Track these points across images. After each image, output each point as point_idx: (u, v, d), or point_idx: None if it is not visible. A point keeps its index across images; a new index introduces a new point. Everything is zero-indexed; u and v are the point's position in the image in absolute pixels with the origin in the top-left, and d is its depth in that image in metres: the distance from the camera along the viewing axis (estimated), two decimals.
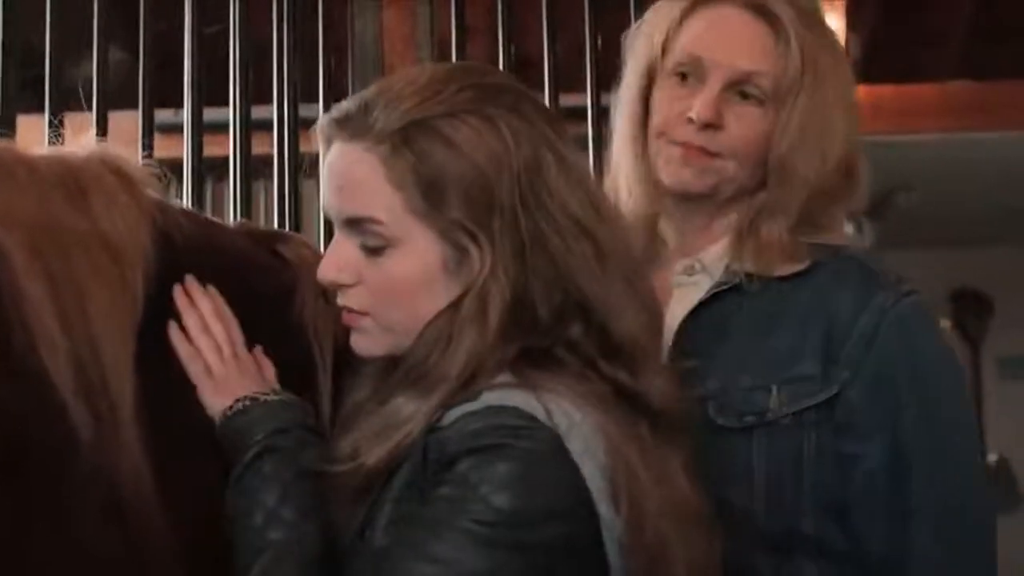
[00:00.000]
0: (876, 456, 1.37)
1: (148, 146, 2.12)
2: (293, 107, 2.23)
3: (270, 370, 1.26)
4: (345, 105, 1.20)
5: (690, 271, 1.49)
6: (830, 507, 1.38)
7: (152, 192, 1.22)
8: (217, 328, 1.23)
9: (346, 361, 1.26)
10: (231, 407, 1.21)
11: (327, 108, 2.23)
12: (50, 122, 2.05)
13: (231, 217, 2.21)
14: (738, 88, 1.45)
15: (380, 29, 2.30)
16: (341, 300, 1.20)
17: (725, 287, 1.44)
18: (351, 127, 1.17)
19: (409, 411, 1.14)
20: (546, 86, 2.36)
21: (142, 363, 1.14)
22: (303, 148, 2.21)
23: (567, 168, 1.17)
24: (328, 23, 2.29)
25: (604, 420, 1.13)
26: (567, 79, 2.39)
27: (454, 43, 2.32)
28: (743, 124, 1.45)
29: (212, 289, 1.23)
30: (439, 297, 1.16)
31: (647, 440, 1.16)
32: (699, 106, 1.43)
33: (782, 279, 1.43)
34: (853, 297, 1.40)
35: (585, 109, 2.38)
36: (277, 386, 1.24)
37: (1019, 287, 5.28)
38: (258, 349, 1.26)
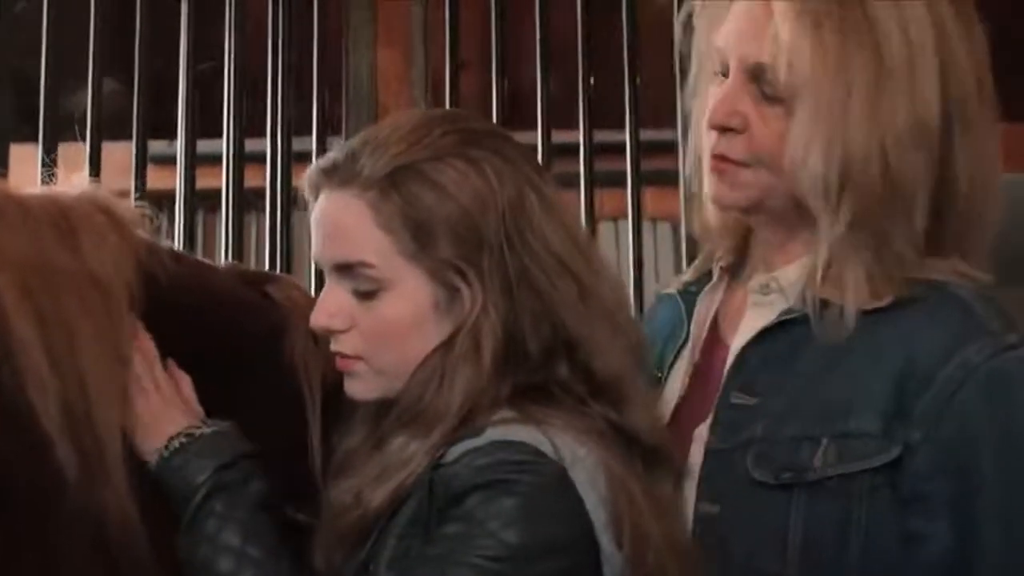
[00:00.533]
0: (944, 539, 1.16)
1: (141, 177, 2.13)
2: (287, 140, 2.24)
3: (187, 386, 1.23)
4: (331, 155, 1.22)
5: (765, 290, 1.29)
6: None
7: (141, 232, 1.23)
8: (135, 359, 1.20)
9: (335, 402, 1.27)
10: (166, 446, 1.19)
11: (320, 142, 2.26)
12: (44, 152, 2.06)
13: (223, 248, 2.22)
14: (758, 84, 1.23)
15: (374, 66, 2.32)
16: (334, 346, 1.21)
17: (795, 315, 1.24)
18: (339, 175, 1.19)
19: (410, 451, 1.16)
20: (539, 122, 2.37)
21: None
22: (296, 181, 2.22)
23: (550, 207, 1.20)
24: (323, 58, 2.30)
25: (605, 454, 1.15)
26: (560, 115, 2.40)
27: (448, 78, 2.33)
28: (766, 126, 1.23)
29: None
30: (430, 337, 1.18)
31: (643, 475, 1.18)
32: (712, 107, 1.26)
33: (864, 313, 1.20)
34: (941, 342, 1.17)
35: (577, 146, 2.39)
36: (200, 410, 1.23)
37: None
38: (172, 364, 1.23)
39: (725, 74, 1.26)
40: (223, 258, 2.19)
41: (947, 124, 1.22)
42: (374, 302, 1.18)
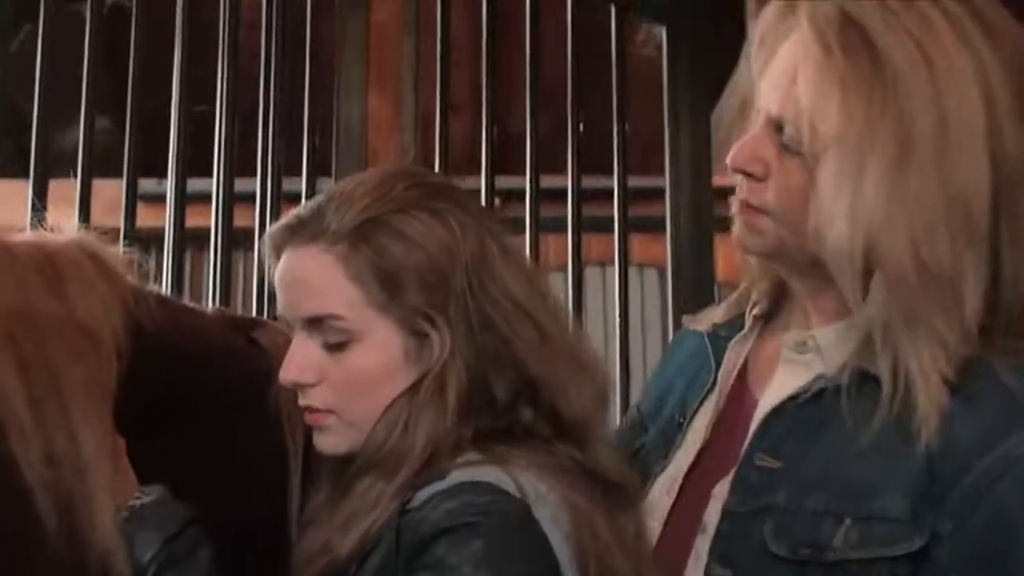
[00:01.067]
0: None
1: (131, 215, 2.14)
2: (277, 181, 2.25)
3: (120, 444, 1.21)
4: (294, 213, 1.25)
5: (801, 348, 1.23)
6: None
7: (128, 277, 1.24)
8: None
9: (314, 451, 1.27)
10: None
11: (310, 183, 2.28)
12: (34, 189, 2.06)
13: (211, 287, 2.22)
14: (778, 133, 1.19)
15: (365, 110, 2.34)
16: (304, 400, 1.22)
17: (828, 385, 1.19)
18: (306, 231, 1.21)
19: (374, 496, 1.17)
20: (527, 166, 2.39)
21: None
22: None
23: (509, 256, 1.24)
24: (314, 100, 2.32)
25: (568, 491, 1.16)
26: (548, 160, 2.42)
27: (438, 122, 2.35)
28: (783, 178, 1.18)
29: None
30: (399, 386, 1.20)
31: (608, 512, 1.19)
32: (733, 150, 1.22)
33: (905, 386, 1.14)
34: (983, 430, 1.09)
35: (565, 190, 2.41)
36: (134, 477, 1.20)
37: None
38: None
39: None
40: (211, 297, 2.20)
41: (995, 210, 1.13)
42: (344, 354, 1.20)
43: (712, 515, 1.23)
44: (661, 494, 1.30)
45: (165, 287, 2.14)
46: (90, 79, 2.15)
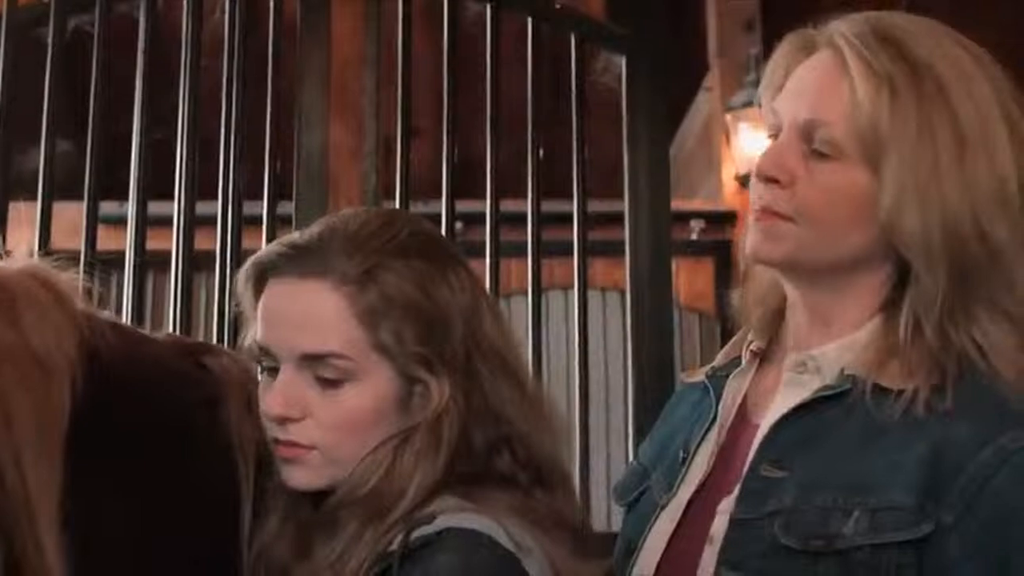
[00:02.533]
0: None
1: (91, 237, 2.14)
2: (237, 204, 2.26)
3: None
4: (292, 241, 1.23)
5: (801, 368, 1.26)
6: None
7: (81, 305, 1.24)
8: None
9: (265, 473, 1.28)
10: None
11: (271, 207, 2.29)
12: None
13: (172, 310, 2.22)
14: (809, 142, 1.22)
15: (326, 138, 2.35)
16: (283, 435, 1.21)
17: (833, 392, 1.22)
18: (307, 264, 1.20)
19: (361, 539, 1.16)
20: (488, 191, 2.41)
21: (70, 469, 1.15)
22: (246, 244, 2.24)
23: (497, 316, 1.26)
24: (276, 124, 2.33)
25: (547, 541, 1.17)
26: (510, 184, 2.44)
27: (399, 147, 2.37)
28: (812, 181, 1.21)
29: None
30: (386, 429, 1.20)
31: (576, 561, 1.20)
32: (759, 158, 1.25)
33: (901, 393, 1.18)
34: (979, 427, 1.14)
35: (525, 215, 2.43)
36: None
37: None
38: None
39: (776, 135, 1.26)
40: (172, 319, 2.20)
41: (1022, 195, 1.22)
42: (337, 391, 1.19)
43: (719, 528, 1.24)
44: (666, 523, 1.31)
45: (126, 310, 2.15)
46: (51, 103, 2.16)
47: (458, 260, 1.25)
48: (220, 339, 2.18)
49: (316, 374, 1.19)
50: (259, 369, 1.26)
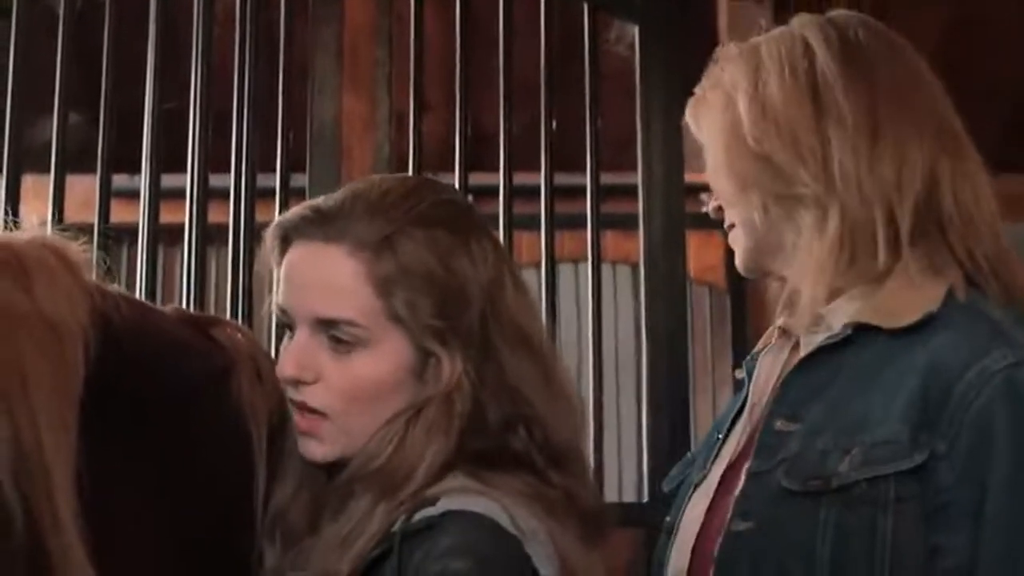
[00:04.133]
0: (961, 552, 1.15)
1: (104, 210, 2.14)
2: (251, 176, 2.25)
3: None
4: (316, 205, 1.23)
5: (814, 329, 1.31)
6: None
7: (91, 276, 1.24)
8: None
9: (276, 443, 1.28)
10: None
11: (284, 179, 2.28)
12: (7, 184, 2.06)
13: (185, 283, 2.22)
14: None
15: (339, 108, 2.34)
16: (298, 396, 1.21)
17: (833, 341, 1.27)
18: (328, 229, 1.20)
19: (372, 516, 1.16)
20: (501, 163, 2.40)
21: (84, 435, 1.16)
22: (260, 217, 2.23)
23: (519, 288, 1.25)
24: (288, 96, 2.32)
25: (555, 526, 1.17)
26: (522, 157, 2.44)
27: (412, 119, 2.36)
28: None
29: None
30: (399, 401, 1.20)
31: (591, 542, 1.21)
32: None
33: (894, 333, 1.23)
34: (965, 353, 1.18)
35: (538, 188, 2.42)
36: None
37: None
38: None
39: None
40: (185, 292, 2.20)
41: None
42: (349, 357, 1.19)
43: (740, 487, 1.28)
44: (701, 499, 1.34)
45: (139, 283, 2.15)
46: (63, 75, 2.15)
47: (484, 231, 1.24)
48: (234, 312, 2.18)
49: (330, 336, 1.19)
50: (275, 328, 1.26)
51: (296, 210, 1.24)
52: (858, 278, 1.27)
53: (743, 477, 1.28)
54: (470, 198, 2.54)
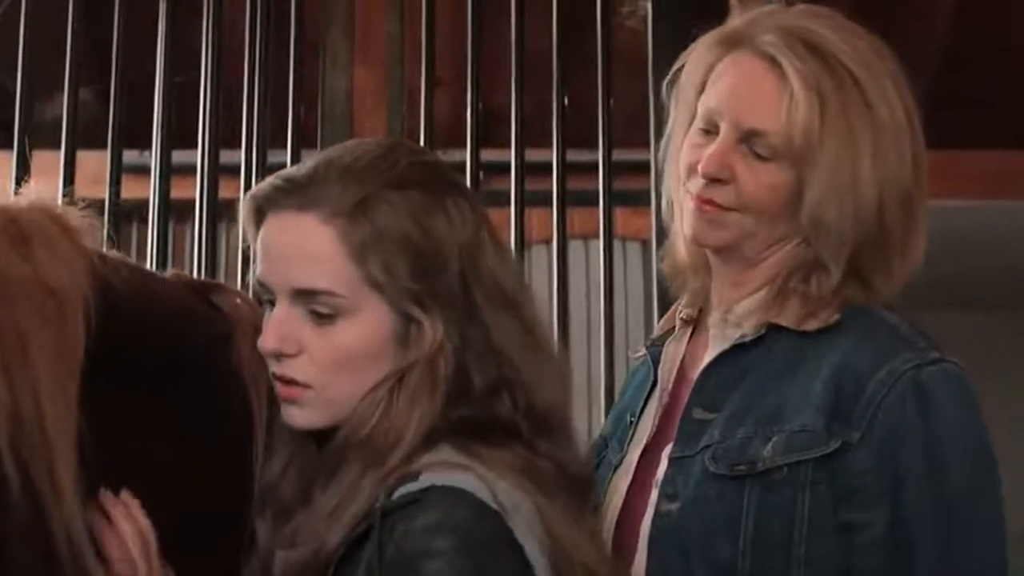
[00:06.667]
0: (880, 526, 1.29)
1: (115, 186, 2.14)
2: (261, 152, 2.25)
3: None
4: (288, 174, 1.20)
5: (723, 324, 1.42)
6: None
7: (91, 242, 1.23)
8: (137, 553, 1.19)
9: (274, 408, 1.27)
10: None
11: (295, 155, 2.27)
12: (18, 159, 2.06)
13: (195, 258, 2.22)
14: (748, 144, 1.38)
15: (350, 84, 2.33)
16: (281, 370, 1.20)
17: (747, 339, 1.38)
18: (300, 197, 1.18)
19: (360, 486, 1.15)
20: (512, 140, 2.39)
21: (86, 402, 1.15)
22: None
23: (499, 248, 1.23)
24: (299, 72, 2.31)
25: (541, 499, 1.16)
26: (533, 134, 2.43)
27: (423, 96, 2.35)
28: (755, 179, 1.38)
29: (132, 505, 1.21)
30: (383, 367, 1.18)
31: (575, 510, 1.20)
32: (704, 159, 1.38)
33: (806, 334, 1.36)
34: (873, 356, 1.32)
35: (550, 164, 2.41)
36: None
37: (979, 353, 5.36)
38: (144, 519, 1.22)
39: (709, 130, 1.40)
40: (195, 268, 2.20)
41: (917, 184, 1.41)
42: (331, 327, 1.17)
43: (663, 470, 1.36)
44: (621, 480, 1.41)
45: (149, 258, 2.15)
46: (73, 51, 2.15)
47: (460, 191, 1.22)
48: (243, 288, 2.17)
49: (309, 308, 1.18)
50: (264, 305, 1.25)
51: (268, 181, 1.21)
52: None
53: (665, 461, 1.37)
54: (481, 174, 2.55)
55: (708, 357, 1.41)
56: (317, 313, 1.17)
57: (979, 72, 3.82)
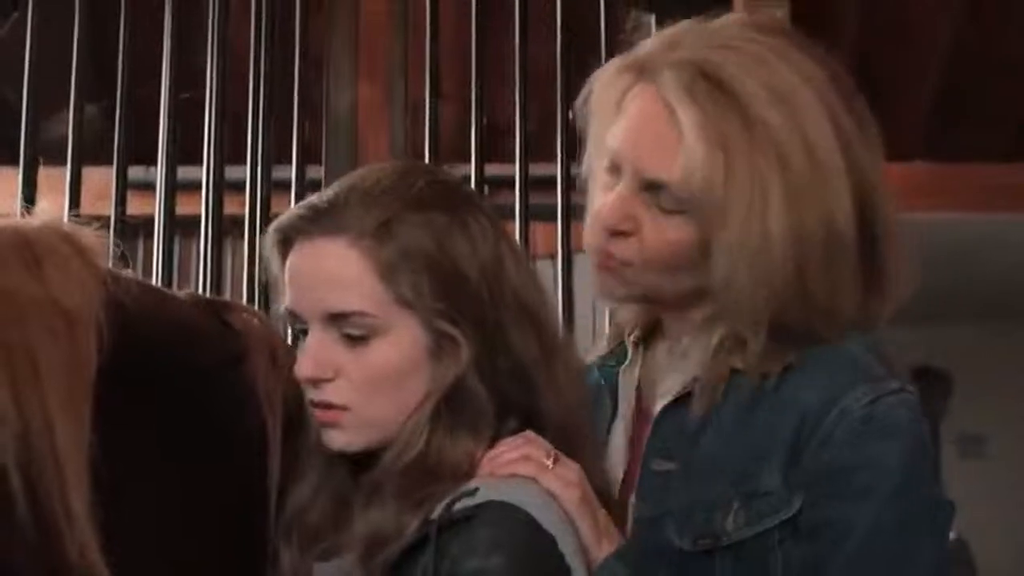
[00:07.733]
0: (835, 568, 1.20)
1: (121, 203, 2.14)
2: (266, 168, 2.25)
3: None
4: (311, 203, 1.22)
5: (672, 356, 1.34)
6: None
7: (103, 262, 1.23)
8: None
9: (293, 432, 1.27)
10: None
11: (300, 171, 2.28)
12: (23, 176, 2.06)
13: (200, 275, 2.22)
14: (651, 194, 1.26)
15: (355, 98, 2.34)
16: (319, 396, 1.21)
17: (702, 386, 1.28)
18: (326, 223, 1.20)
19: (403, 510, 1.16)
20: (517, 154, 2.39)
21: (97, 421, 1.15)
22: (275, 209, 2.23)
23: (517, 257, 1.24)
24: (303, 88, 2.32)
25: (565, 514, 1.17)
26: (537, 148, 2.43)
27: (427, 111, 2.35)
28: (658, 233, 1.26)
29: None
30: (420, 385, 1.19)
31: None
32: (606, 208, 1.28)
33: (765, 375, 1.25)
34: (828, 394, 1.22)
35: (555, 178, 2.41)
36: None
37: (978, 365, 5.36)
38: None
39: (612, 170, 1.29)
40: (201, 285, 2.20)
41: (860, 227, 1.26)
42: (365, 348, 1.19)
43: (630, 527, 1.29)
44: None
45: (155, 275, 2.15)
46: (79, 67, 2.15)
47: (478, 208, 1.23)
48: (250, 304, 2.17)
49: (343, 332, 1.19)
50: (291, 332, 1.26)
51: (292, 211, 1.23)
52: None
53: (630, 516, 1.28)
54: (486, 188, 2.56)
55: (662, 393, 1.32)
56: (350, 336, 1.19)
57: (982, 86, 3.82)
